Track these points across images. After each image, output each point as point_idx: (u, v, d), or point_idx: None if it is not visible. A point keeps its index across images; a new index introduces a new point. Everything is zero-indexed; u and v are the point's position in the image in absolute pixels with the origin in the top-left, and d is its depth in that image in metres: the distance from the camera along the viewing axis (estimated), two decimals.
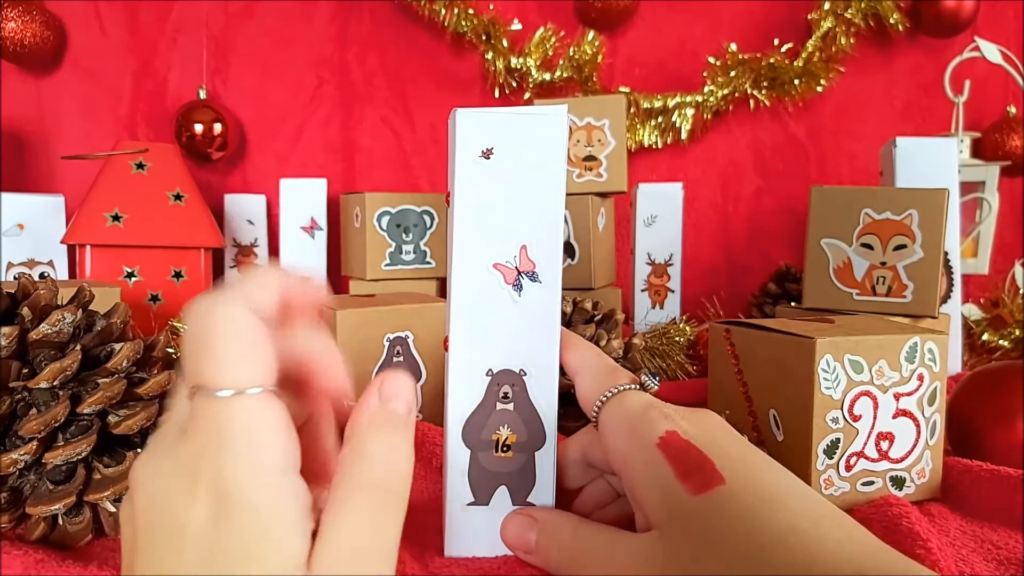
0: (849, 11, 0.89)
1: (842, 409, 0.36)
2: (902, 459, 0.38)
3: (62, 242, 0.73)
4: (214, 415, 0.19)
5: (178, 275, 0.77)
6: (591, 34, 0.91)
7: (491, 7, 0.91)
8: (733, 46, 0.92)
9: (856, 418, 0.37)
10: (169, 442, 0.20)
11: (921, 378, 0.37)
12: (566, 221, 0.70)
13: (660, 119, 0.93)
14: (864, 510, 0.35)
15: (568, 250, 0.71)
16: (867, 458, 0.37)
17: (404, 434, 0.23)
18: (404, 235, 0.75)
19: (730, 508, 0.23)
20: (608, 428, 0.28)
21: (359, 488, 0.21)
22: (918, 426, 0.38)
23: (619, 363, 0.46)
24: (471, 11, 0.89)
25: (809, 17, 0.92)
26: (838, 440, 0.36)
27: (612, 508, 0.32)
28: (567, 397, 0.47)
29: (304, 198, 0.86)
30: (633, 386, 0.29)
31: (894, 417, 0.37)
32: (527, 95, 0.93)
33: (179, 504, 0.19)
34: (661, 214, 0.85)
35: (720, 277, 0.98)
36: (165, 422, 0.21)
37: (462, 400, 0.31)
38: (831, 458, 0.36)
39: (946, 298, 0.69)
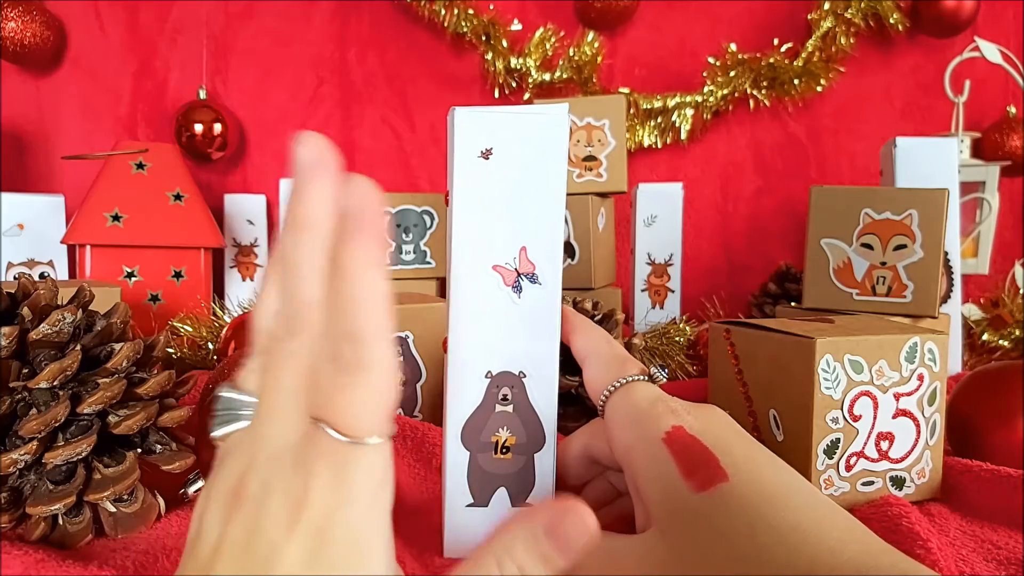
0: (849, 11, 0.89)
1: (842, 409, 0.36)
2: (902, 459, 0.38)
3: (62, 242, 0.73)
4: (335, 457, 0.18)
5: (178, 275, 0.77)
6: (591, 34, 0.91)
7: (491, 7, 0.91)
8: (733, 46, 0.92)
9: (856, 418, 0.37)
10: (281, 465, 0.19)
11: (921, 378, 0.37)
12: (566, 221, 0.70)
13: (660, 119, 0.93)
14: (864, 510, 0.35)
15: (568, 250, 0.71)
16: (867, 458, 0.37)
17: None
18: (404, 235, 0.75)
19: (732, 506, 0.23)
20: (614, 419, 0.28)
21: None
22: (918, 426, 0.38)
23: None
24: (471, 11, 0.89)
25: (809, 17, 0.92)
26: (838, 440, 0.36)
27: (613, 508, 0.32)
28: (567, 398, 0.47)
29: None
30: (642, 377, 0.29)
31: (894, 417, 0.37)
32: (527, 95, 0.93)
33: (277, 533, 0.18)
34: (661, 214, 0.85)
35: (720, 277, 0.98)
36: (281, 448, 0.19)
37: (461, 401, 0.30)
38: (831, 458, 0.36)
39: (946, 298, 0.69)
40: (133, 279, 0.74)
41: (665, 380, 0.29)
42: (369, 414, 0.19)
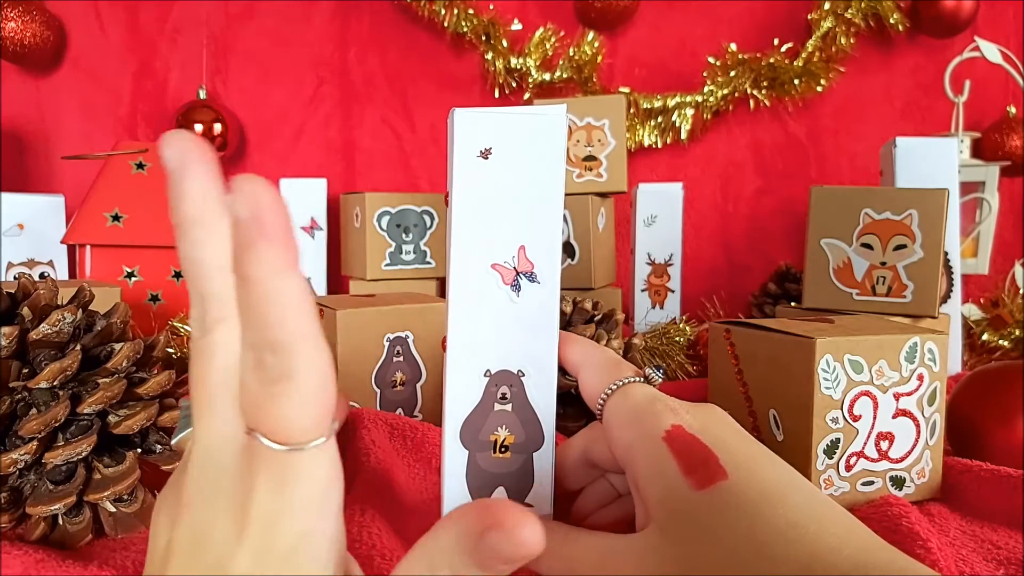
0: (849, 11, 0.89)
1: (842, 409, 0.36)
2: (902, 459, 0.38)
3: (62, 242, 0.73)
4: (275, 467, 0.18)
5: (178, 275, 0.77)
6: (591, 34, 0.91)
7: (491, 7, 0.91)
8: (733, 46, 0.92)
9: (856, 418, 0.37)
10: (223, 475, 0.19)
11: (921, 378, 0.37)
12: (566, 221, 0.70)
13: (660, 119, 0.93)
14: (864, 510, 0.35)
15: (568, 250, 0.71)
16: (867, 458, 0.37)
17: None
18: (404, 235, 0.75)
19: (731, 504, 0.23)
20: (613, 421, 0.28)
21: None
22: (918, 426, 0.38)
23: None
24: (471, 11, 0.89)
25: (809, 17, 0.92)
26: (838, 440, 0.36)
27: (613, 508, 0.32)
28: (566, 397, 0.47)
29: (304, 198, 0.86)
30: (638, 379, 0.29)
31: (894, 417, 0.37)
32: (527, 95, 0.93)
33: (226, 543, 0.18)
34: (661, 214, 0.85)
35: (720, 277, 0.98)
36: (208, 443, 0.20)
37: (460, 400, 0.30)
38: (831, 458, 0.36)
39: (946, 298, 0.69)
40: (133, 279, 0.74)
41: (661, 381, 0.29)
42: (302, 420, 0.18)
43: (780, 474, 0.24)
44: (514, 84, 0.93)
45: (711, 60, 0.93)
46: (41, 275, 0.77)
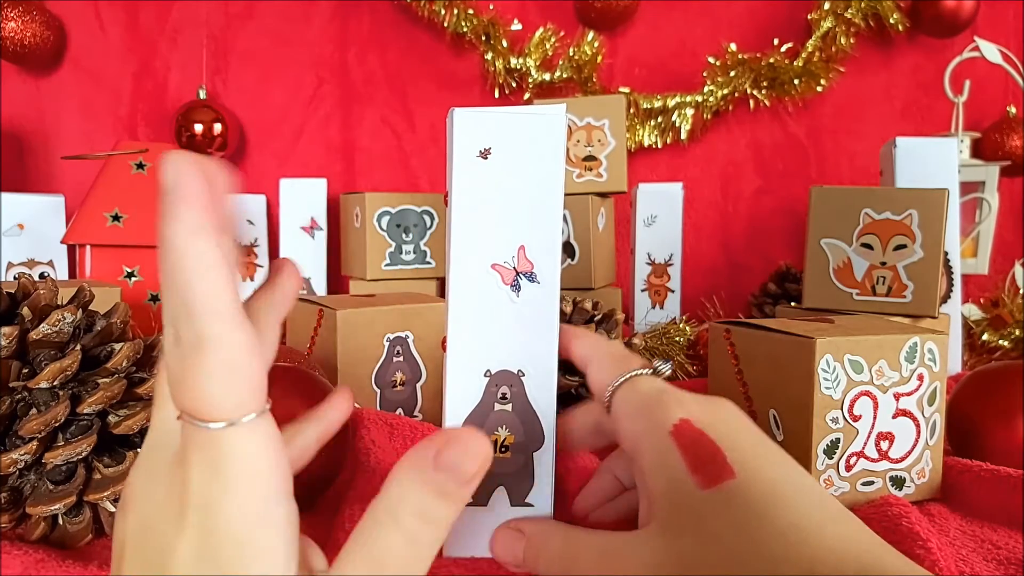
0: (849, 11, 0.89)
1: (842, 409, 0.36)
2: (902, 459, 0.38)
3: (62, 242, 0.73)
4: (206, 447, 0.18)
5: None
6: (591, 34, 0.91)
7: (491, 7, 0.91)
8: (733, 46, 0.92)
9: (856, 418, 0.37)
10: (163, 463, 0.19)
11: (921, 378, 0.37)
12: (566, 221, 0.70)
13: (660, 119, 0.93)
14: (864, 510, 0.35)
15: (568, 250, 0.71)
16: (867, 458, 0.37)
17: (444, 514, 0.20)
18: (404, 235, 0.75)
19: (737, 504, 0.22)
20: (621, 412, 0.28)
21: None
22: (918, 426, 0.38)
23: None
24: (471, 11, 0.89)
25: (809, 17, 0.92)
26: (838, 440, 0.36)
27: (615, 506, 0.32)
28: (566, 397, 0.47)
29: (304, 198, 0.86)
30: (646, 371, 0.29)
31: (894, 417, 0.37)
32: (527, 95, 0.93)
33: (167, 532, 0.18)
34: (661, 214, 0.85)
35: (720, 277, 0.98)
36: (157, 432, 0.20)
37: (460, 401, 0.31)
38: (831, 458, 0.36)
39: (946, 298, 0.69)
40: (133, 279, 0.74)
41: (669, 372, 0.29)
42: (224, 393, 0.18)
43: (787, 474, 0.24)
44: (514, 84, 0.93)
45: (711, 60, 0.93)
46: (41, 275, 0.77)
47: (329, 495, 0.37)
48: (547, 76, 0.91)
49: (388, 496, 0.20)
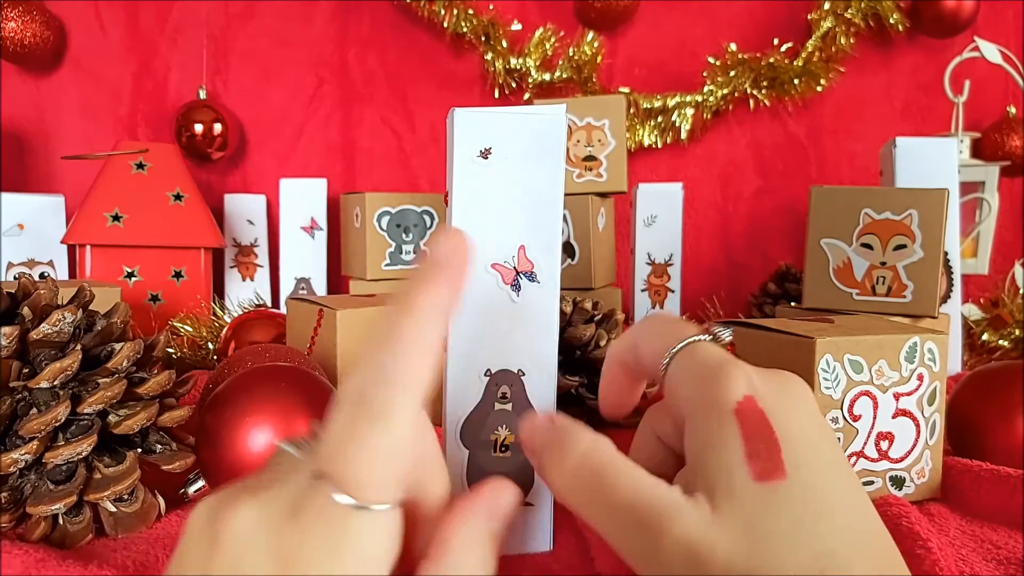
0: (849, 11, 0.89)
1: (842, 409, 0.36)
2: (902, 459, 0.38)
3: (62, 242, 0.73)
4: (333, 520, 0.17)
5: (178, 275, 0.77)
6: (591, 34, 0.91)
7: (491, 7, 0.91)
8: (733, 46, 0.92)
9: (856, 418, 0.37)
10: (278, 514, 0.18)
11: (921, 378, 0.37)
12: (566, 221, 0.70)
13: (660, 119, 0.93)
14: None
15: (568, 250, 0.71)
16: (867, 458, 0.37)
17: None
18: (404, 235, 0.75)
19: (781, 509, 0.21)
20: (679, 378, 0.26)
21: None
22: (918, 426, 0.38)
23: None
24: (471, 11, 0.89)
25: (809, 17, 0.92)
26: (838, 440, 0.36)
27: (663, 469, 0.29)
28: (566, 398, 0.47)
29: (304, 198, 0.86)
30: (705, 337, 0.26)
31: (894, 417, 0.37)
32: (527, 95, 0.93)
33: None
34: (661, 214, 0.85)
35: (720, 277, 0.98)
36: (282, 483, 0.19)
37: (460, 400, 0.31)
38: None
39: (946, 298, 0.69)
40: (133, 279, 0.74)
41: (729, 339, 0.27)
42: (378, 472, 0.17)
43: (835, 485, 0.23)
44: (514, 84, 0.93)
45: (711, 60, 0.93)
46: (41, 275, 0.77)
47: None
48: (547, 76, 0.91)
49: (452, 550, 0.20)
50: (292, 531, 0.17)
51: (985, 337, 0.77)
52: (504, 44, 0.90)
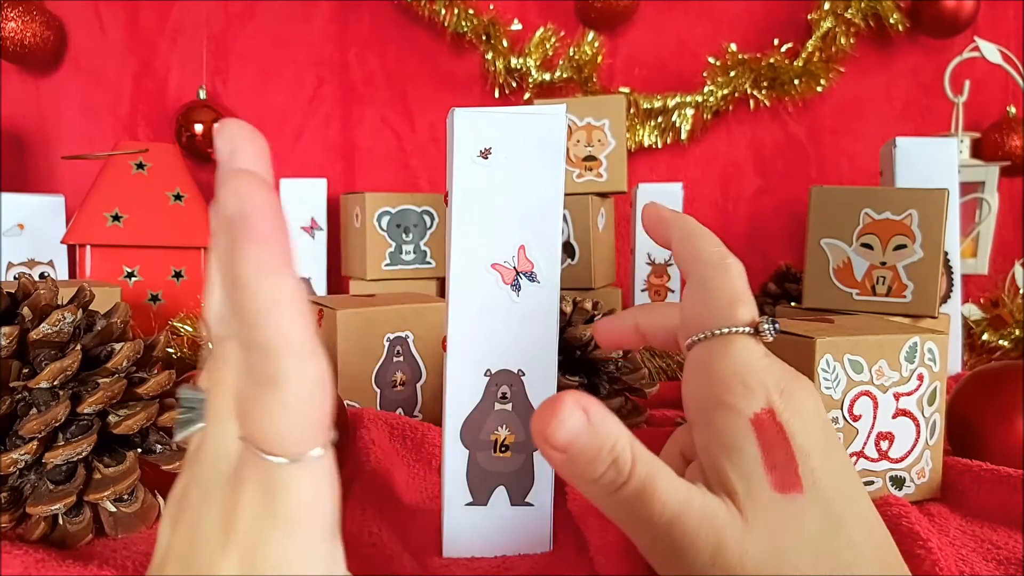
0: (849, 11, 0.89)
1: (842, 409, 0.36)
2: (902, 459, 0.38)
3: (62, 242, 0.73)
4: (263, 478, 0.17)
5: (178, 275, 0.77)
6: (591, 34, 0.91)
7: (491, 7, 0.91)
8: (733, 46, 0.92)
9: (856, 418, 0.37)
10: (219, 479, 0.19)
11: (921, 378, 0.37)
12: (566, 221, 0.70)
13: (660, 119, 0.93)
14: None
15: (568, 250, 0.71)
16: (867, 458, 0.37)
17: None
18: (404, 235, 0.75)
19: (798, 522, 0.22)
20: (701, 361, 0.25)
21: None
22: (918, 426, 0.38)
23: (619, 362, 0.46)
24: (471, 11, 0.89)
25: (809, 17, 0.92)
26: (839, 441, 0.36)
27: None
28: None
29: (304, 198, 0.86)
30: (748, 330, 0.25)
31: (894, 417, 0.37)
32: (527, 95, 0.93)
33: (213, 554, 0.18)
34: None
35: None
36: (216, 445, 0.19)
37: (460, 400, 0.31)
38: None
39: (946, 298, 0.69)
40: (133, 279, 0.74)
41: (773, 337, 0.25)
42: (291, 430, 0.17)
43: (847, 499, 0.23)
44: (514, 84, 0.93)
45: (711, 60, 0.93)
46: (41, 275, 0.77)
47: None
48: (547, 76, 0.91)
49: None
50: (231, 492, 0.18)
51: (985, 337, 0.77)
52: (504, 44, 0.90)
